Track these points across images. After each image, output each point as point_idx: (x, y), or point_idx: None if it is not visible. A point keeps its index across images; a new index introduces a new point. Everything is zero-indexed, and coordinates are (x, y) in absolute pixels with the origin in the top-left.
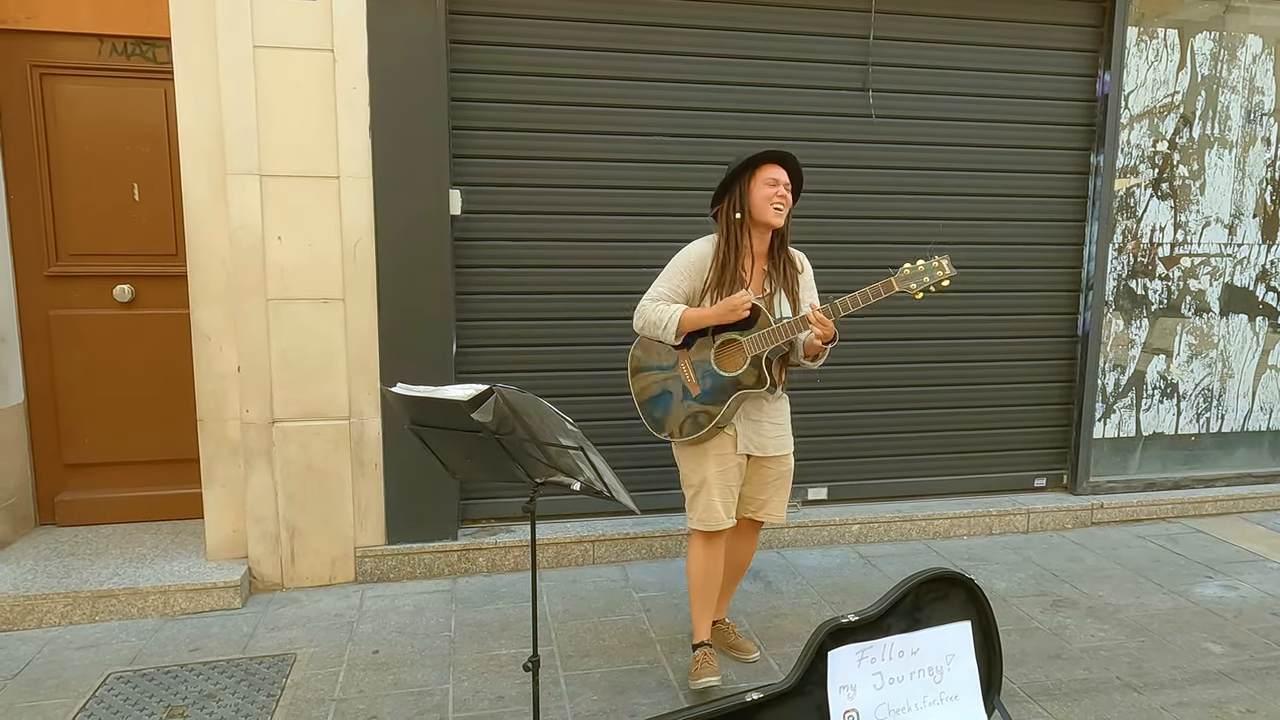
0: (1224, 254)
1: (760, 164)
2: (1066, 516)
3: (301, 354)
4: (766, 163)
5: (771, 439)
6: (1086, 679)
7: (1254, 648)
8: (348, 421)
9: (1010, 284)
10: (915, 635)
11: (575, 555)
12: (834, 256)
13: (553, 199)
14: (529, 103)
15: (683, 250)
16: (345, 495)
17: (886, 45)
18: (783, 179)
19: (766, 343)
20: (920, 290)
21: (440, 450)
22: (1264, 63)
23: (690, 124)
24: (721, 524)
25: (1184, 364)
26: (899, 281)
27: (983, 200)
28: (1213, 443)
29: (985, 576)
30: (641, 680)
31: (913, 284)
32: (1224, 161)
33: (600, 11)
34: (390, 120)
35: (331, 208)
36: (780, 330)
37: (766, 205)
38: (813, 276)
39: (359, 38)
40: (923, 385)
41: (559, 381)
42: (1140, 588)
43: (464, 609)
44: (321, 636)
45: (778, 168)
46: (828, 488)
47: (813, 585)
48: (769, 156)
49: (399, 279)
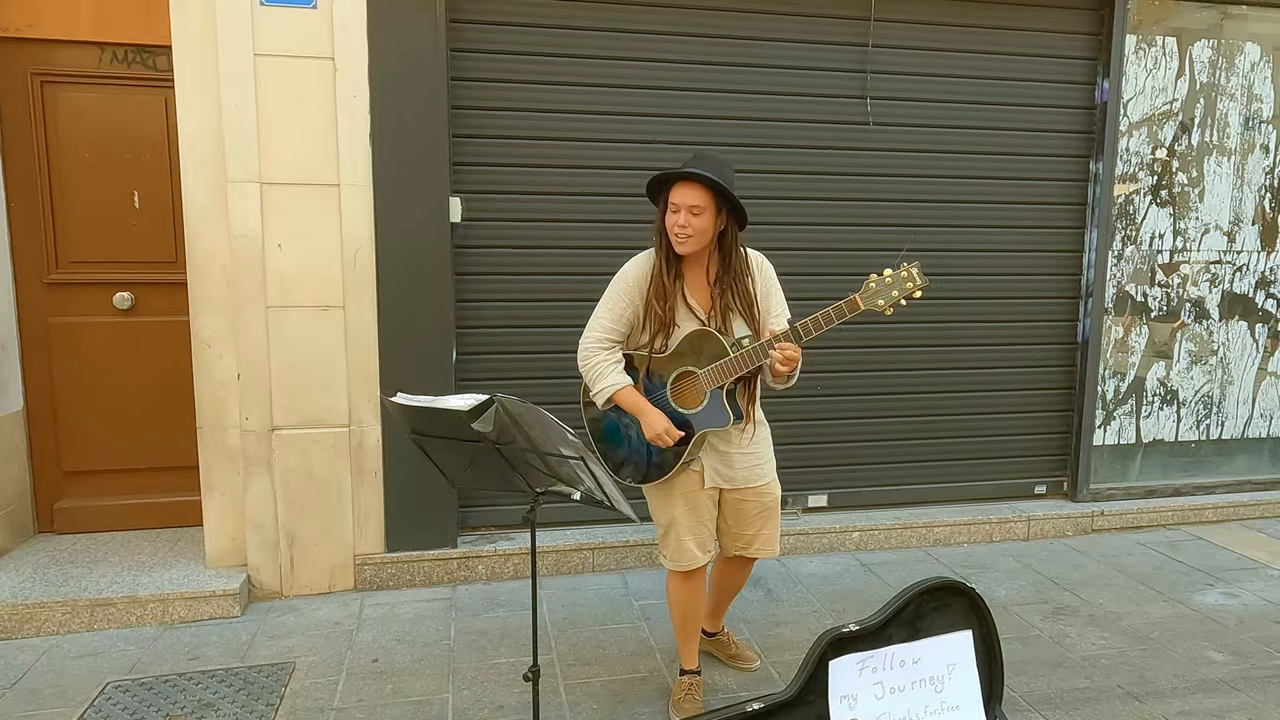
0: (1223, 261)
1: (672, 183)
2: (1067, 524)
3: (301, 362)
4: (677, 184)
5: (742, 470)
6: (1088, 687)
7: (1255, 656)
8: (347, 429)
9: (1010, 291)
10: (916, 644)
11: (575, 563)
12: (832, 264)
13: (553, 206)
14: (529, 110)
15: (620, 270)
16: (345, 503)
17: (885, 53)
18: (685, 202)
19: (725, 374)
20: (890, 305)
21: (441, 460)
22: (1262, 70)
23: (691, 130)
24: (695, 562)
25: (1184, 371)
26: (864, 299)
27: (982, 207)
28: (1213, 449)
29: (986, 584)
30: (642, 689)
31: (880, 300)
32: (1223, 169)
33: (599, 20)
34: (391, 128)
35: (332, 215)
36: (740, 360)
37: (670, 230)
38: (774, 277)
39: (359, 46)
40: (922, 392)
41: (559, 389)
42: (1141, 595)
43: (464, 617)
44: (321, 645)
45: (685, 188)
46: (828, 495)
47: (813, 593)
48: (672, 177)
49: (399, 287)
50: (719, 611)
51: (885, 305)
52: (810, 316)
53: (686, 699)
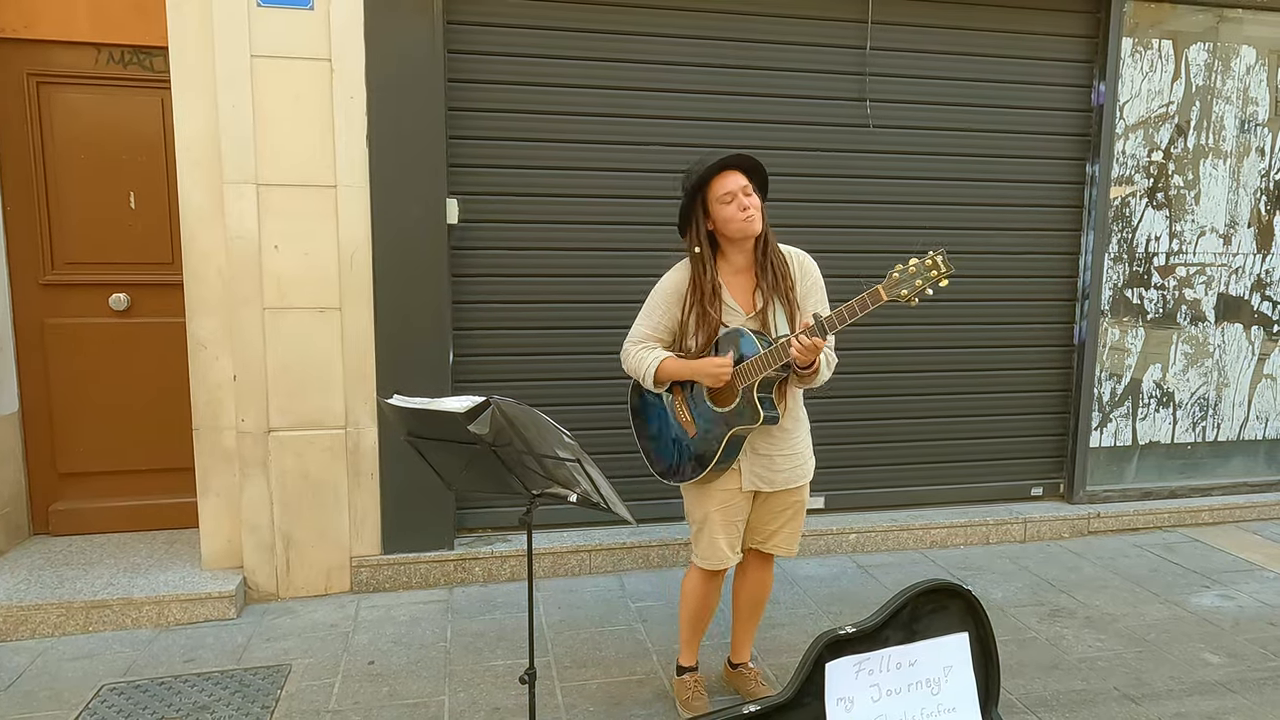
0: (1219, 263)
1: (708, 181)
2: (1063, 526)
3: (298, 363)
4: (715, 178)
5: (782, 472)
6: (1084, 689)
7: (1251, 658)
8: (344, 431)
9: (1007, 293)
10: (913, 647)
11: (571, 565)
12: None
13: (550, 208)
14: (526, 112)
15: (659, 281)
16: (341, 505)
17: (883, 56)
18: (738, 186)
19: (754, 373)
20: (914, 295)
21: (437, 462)
22: (1258, 73)
23: (687, 133)
24: (725, 562)
25: (1180, 373)
26: (887, 289)
27: (980, 209)
28: (1209, 452)
29: (982, 586)
30: (638, 692)
31: (903, 290)
32: (1219, 171)
33: (597, 22)
34: (388, 129)
35: (328, 217)
36: (766, 357)
37: (736, 223)
38: (817, 274)
39: (356, 47)
40: (919, 394)
41: (556, 390)
42: (1137, 597)
43: (460, 619)
44: (317, 647)
45: (729, 176)
46: (825, 497)
47: (810, 595)
48: (711, 170)
49: (396, 288)
50: (746, 636)
51: (909, 295)
52: (835, 310)
53: (695, 696)
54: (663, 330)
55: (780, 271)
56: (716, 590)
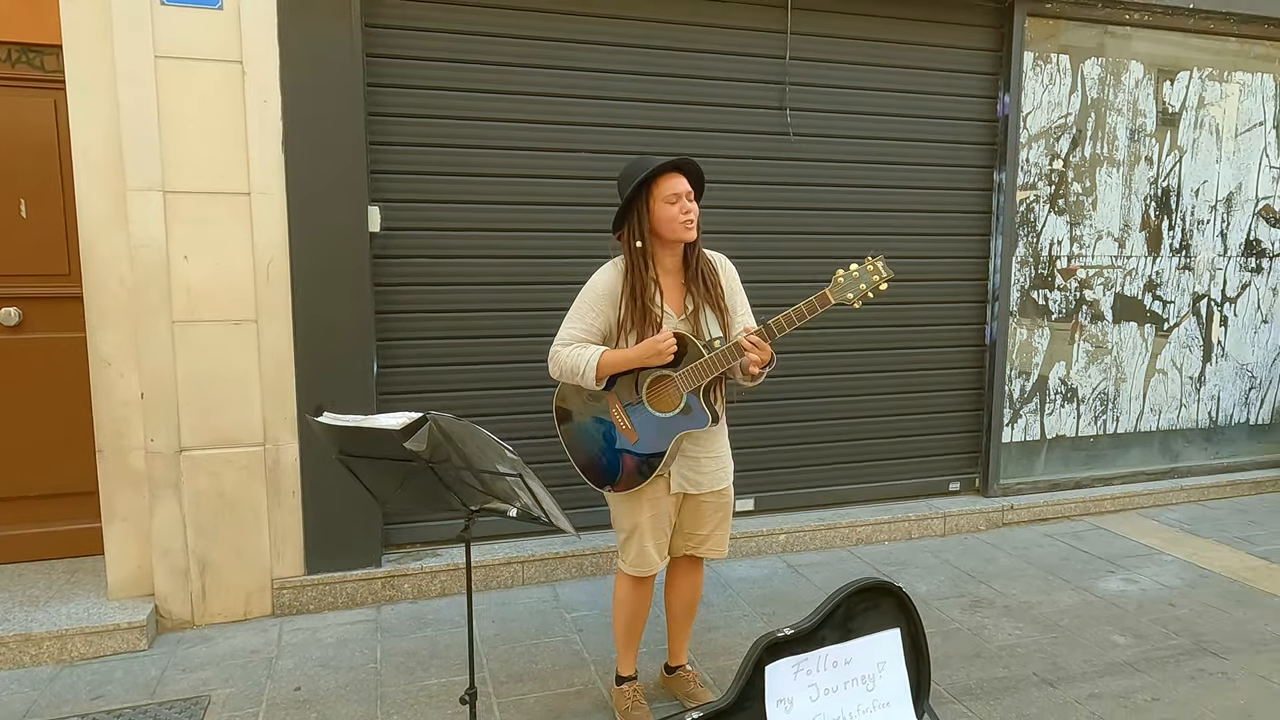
0: (1115, 265)
1: (656, 179)
2: (980, 519)
3: (211, 378)
4: (662, 176)
5: (708, 474)
6: (1005, 676)
7: (1154, 638)
8: (262, 448)
9: (922, 296)
10: (848, 645)
11: (504, 577)
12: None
13: (476, 215)
14: (450, 118)
15: (588, 282)
16: (261, 525)
17: (803, 66)
18: (684, 190)
19: (701, 376)
20: (859, 299)
21: (370, 481)
22: (1145, 86)
23: (613, 140)
24: (655, 567)
25: (1082, 370)
26: (834, 293)
27: (895, 215)
28: (1110, 443)
29: (907, 580)
30: (577, 704)
31: (849, 293)
32: (1113, 179)
33: (520, 28)
34: (304, 134)
35: (242, 225)
36: (714, 361)
37: (675, 224)
38: (736, 276)
39: (270, 49)
40: (842, 396)
41: (486, 400)
42: (1050, 585)
43: (390, 638)
44: (238, 675)
45: (676, 178)
46: (755, 499)
47: (743, 596)
48: (662, 169)
49: (315, 299)
50: (682, 639)
51: (854, 299)
52: (782, 314)
53: (635, 706)
54: (594, 333)
55: (710, 277)
56: (648, 595)
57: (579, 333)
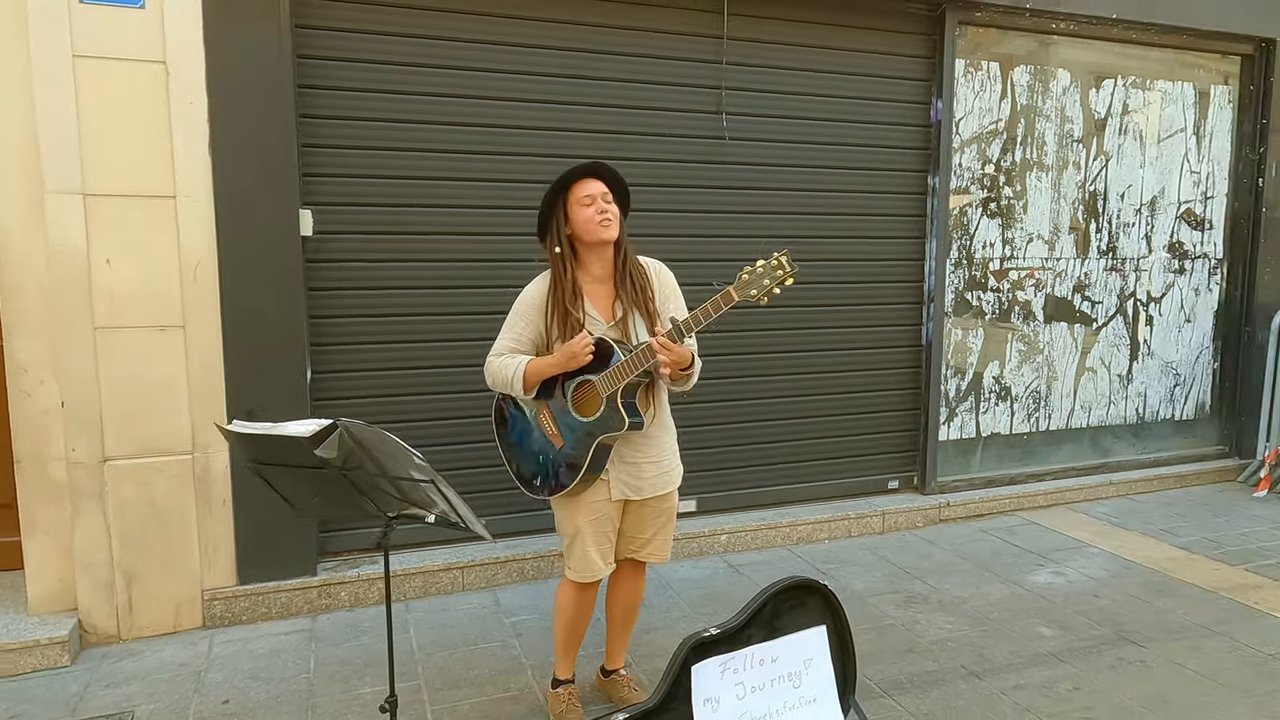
0: (1045, 267)
1: (570, 185)
2: (918, 516)
3: (137, 386)
4: (575, 181)
5: (650, 480)
6: (935, 670)
7: (1078, 629)
8: (191, 456)
9: (859, 298)
10: (774, 643)
11: (444, 583)
12: (692, 275)
13: (410, 218)
14: (383, 120)
15: (520, 294)
16: (190, 535)
17: (739, 71)
18: (598, 191)
19: (617, 379)
20: (763, 295)
21: (284, 488)
22: (1072, 94)
23: (548, 144)
24: (598, 573)
25: (1015, 369)
26: (738, 290)
27: (832, 219)
28: (1043, 440)
29: (845, 578)
30: (513, 709)
31: (753, 290)
32: (1042, 183)
33: (455, 30)
34: (232, 137)
35: (168, 229)
36: (628, 365)
37: (591, 225)
38: (674, 283)
39: (195, 50)
40: (782, 397)
41: (423, 405)
42: (982, 579)
43: (325, 647)
44: (164, 690)
45: (590, 181)
46: (696, 500)
47: (683, 598)
48: (575, 174)
49: (246, 304)
50: (620, 643)
51: (759, 295)
52: (690, 313)
53: (569, 709)
54: (525, 342)
55: (639, 282)
56: (590, 602)
57: (510, 342)
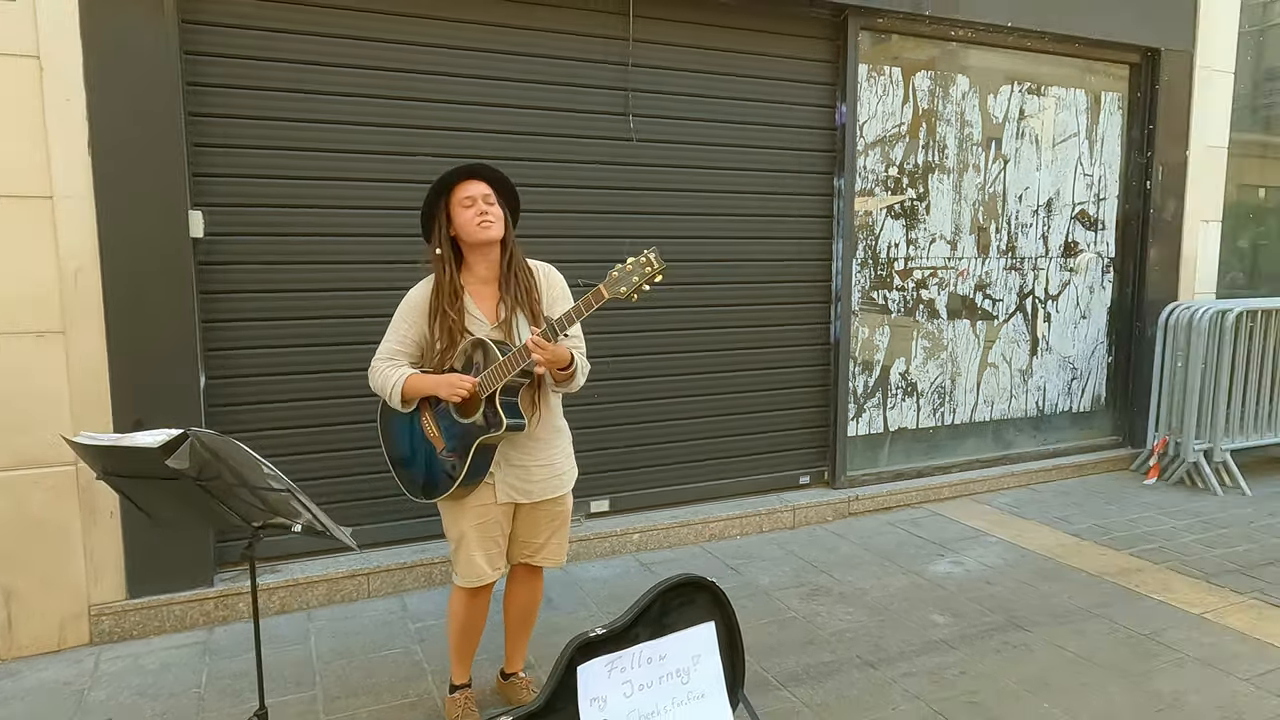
0: (948, 266)
1: (452, 186)
2: (828, 510)
3: (12, 395)
4: (457, 183)
5: (539, 483)
6: (832, 661)
7: (971, 616)
8: (75, 467)
9: (768, 297)
10: (662, 641)
11: (348, 590)
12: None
13: (307, 220)
14: (279, 119)
15: (405, 296)
16: (74, 549)
17: (645, 73)
18: (479, 193)
19: (495, 379)
20: (633, 291)
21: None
22: (971, 99)
23: (452, 144)
24: (484, 578)
25: (921, 365)
26: (608, 288)
27: (740, 220)
28: (948, 434)
29: (752, 573)
30: (411, 715)
31: (623, 287)
32: (944, 185)
33: (355, 29)
34: (114, 136)
35: (44, 231)
36: (505, 365)
37: (471, 226)
38: (564, 287)
39: (71, 44)
40: (694, 395)
41: (326, 409)
42: (885, 570)
43: (219, 660)
44: (42, 711)
45: (471, 184)
46: (609, 499)
47: (591, 597)
48: (456, 176)
49: (131, 308)
50: (518, 647)
51: (628, 292)
52: (564, 312)
53: (466, 714)
54: (409, 345)
55: (525, 284)
56: (482, 607)
57: (395, 344)
